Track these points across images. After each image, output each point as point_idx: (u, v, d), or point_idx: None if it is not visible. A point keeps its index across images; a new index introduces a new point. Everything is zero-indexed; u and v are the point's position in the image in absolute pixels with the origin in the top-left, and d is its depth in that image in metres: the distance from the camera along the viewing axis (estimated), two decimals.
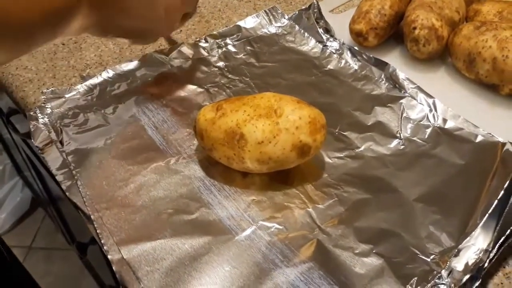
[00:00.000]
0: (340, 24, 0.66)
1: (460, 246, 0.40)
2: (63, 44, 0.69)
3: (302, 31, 0.66)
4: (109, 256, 0.41)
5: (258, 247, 0.42)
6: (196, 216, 0.44)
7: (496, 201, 0.42)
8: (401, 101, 0.55)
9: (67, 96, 0.57)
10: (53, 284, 1.41)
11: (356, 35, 0.63)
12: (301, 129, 0.44)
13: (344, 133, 0.52)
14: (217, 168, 0.48)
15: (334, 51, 0.63)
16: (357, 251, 0.41)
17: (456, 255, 0.40)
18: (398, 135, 0.52)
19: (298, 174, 0.48)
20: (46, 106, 0.55)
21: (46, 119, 0.54)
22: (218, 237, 0.43)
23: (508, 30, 0.54)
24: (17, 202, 1.52)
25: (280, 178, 0.47)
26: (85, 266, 1.23)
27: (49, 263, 1.48)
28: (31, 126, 0.53)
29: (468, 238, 0.40)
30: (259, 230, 0.43)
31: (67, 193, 0.47)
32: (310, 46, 0.64)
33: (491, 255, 0.39)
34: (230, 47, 0.64)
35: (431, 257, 0.40)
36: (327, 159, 0.50)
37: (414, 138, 0.51)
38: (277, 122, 0.43)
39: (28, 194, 1.52)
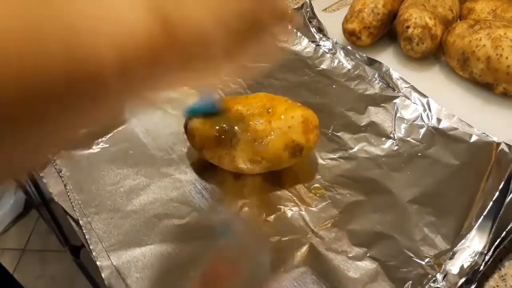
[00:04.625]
0: (333, 23, 0.65)
1: (455, 249, 0.40)
2: None
3: (295, 30, 0.65)
4: (98, 262, 0.40)
5: (250, 252, 0.41)
6: (187, 220, 0.44)
7: (491, 203, 0.41)
8: (394, 100, 0.55)
9: None
10: (47, 286, 1.40)
11: (349, 34, 0.62)
12: (294, 129, 0.43)
13: (337, 134, 0.52)
14: (208, 170, 0.47)
15: (327, 50, 0.62)
16: (350, 255, 0.40)
17: (451, 257, 0.39)
18: (391, 135, 0.51)
19: (290, 175, 0.47)
20: None
21: None
22: (209, 242, 0.42)
23: (502, 28, 0.53)
24: (11, 204, 1.50)
25: (272, 180, 0.47)
26: (79, 267, 1.22)
27: (43, 265, 1.47)
28: None
29: (463, 241, 0.40)
30: (251, 234, 0.42)
31: (55, 198, 0.46)
32: (303, 45, 0.63)
33: (487, 257, 0.38)
34: None
35: (426, 260, 0.40)
36: (320, 160, 0.49)
37: (408, 139, 0.51)
38: (270, 121, 0.43)
39: (22, 196, 1.51)
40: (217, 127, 0.44)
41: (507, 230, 0.40)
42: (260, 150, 0.43)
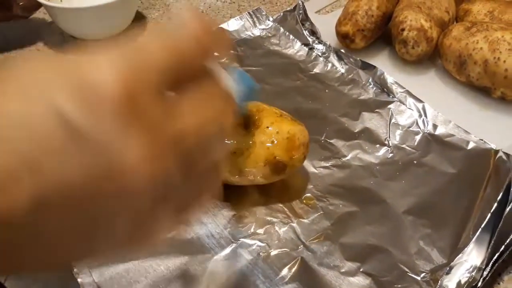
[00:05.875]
0: (327, 25, 0.64)
1: (452, 263, 0.38)
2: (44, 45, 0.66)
3: (287, 33, 0.63)
4: (79, 279, 0.39)
5: (239, 267, 0.39)
6: (172, 234, 0.42)
7: (489, 214, 0.39)
8: (389, 106, 0.53)
9: None
10: None
11: (343, 37, 0.60)
12: (277, 145, 0.41)
13: (330, 141, 0.50)
14: None
15: (320, 54, 0.60)
16: (343, 270, 0.39)
17: (448, 272, 0.37)
18: (386, 142, 0.49)
19: (281, 185, 0.45)
20: None
21: None
22: (196, 257, 0.40)
23: (500, 31, 0.52)
24: None
25: (262, 190, 0.45)
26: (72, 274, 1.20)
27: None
28: None
29: (460, 255, 0.38)
30: (239, 248, 0.41)
31: None
32: (296, 49, 0.62)
33: (485, 273, 0.37)
34: None
35: (422, 275, 0.38)
36: (312, 169, 0.47)
37: (403, 146, 0.49)
38: (253, 134, 0.41)
39: None
40: None
41: (506, 243, 0.38)
42: (239, 162, 0.41)
